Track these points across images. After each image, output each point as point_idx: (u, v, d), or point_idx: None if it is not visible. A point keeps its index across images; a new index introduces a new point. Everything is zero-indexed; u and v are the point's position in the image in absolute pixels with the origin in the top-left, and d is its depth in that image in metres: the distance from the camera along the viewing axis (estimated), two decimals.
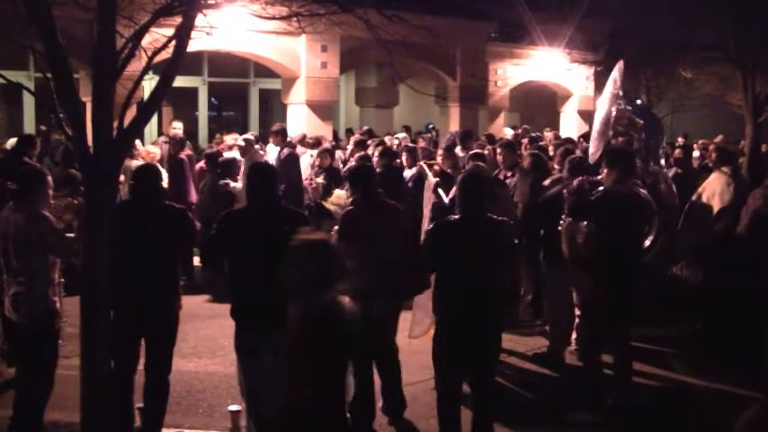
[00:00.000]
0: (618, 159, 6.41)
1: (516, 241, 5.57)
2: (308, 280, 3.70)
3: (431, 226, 5.32)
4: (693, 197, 8.32)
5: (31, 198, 5.31)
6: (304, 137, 12.51)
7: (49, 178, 5.52)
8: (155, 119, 14.23)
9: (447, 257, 5.16)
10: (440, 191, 7.87)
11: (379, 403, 6.05)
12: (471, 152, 9.34)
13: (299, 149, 11.67)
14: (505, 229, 5.30)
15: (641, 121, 7.36)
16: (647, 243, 6.98)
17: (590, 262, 6.41)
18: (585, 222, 6.57)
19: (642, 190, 6.50)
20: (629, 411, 6.22)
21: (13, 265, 5.30)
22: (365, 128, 14.54)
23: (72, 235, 5.62)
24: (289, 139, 11.43)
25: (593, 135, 7.41)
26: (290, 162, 10.80)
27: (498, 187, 8.29)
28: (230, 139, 11.87)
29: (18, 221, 5.23)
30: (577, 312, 7.55)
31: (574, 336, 7.61)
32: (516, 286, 6.83)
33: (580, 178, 6.67)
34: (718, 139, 8.74)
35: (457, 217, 5.29)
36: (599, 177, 6.64)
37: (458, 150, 10.72)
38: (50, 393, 5.36)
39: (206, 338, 7.93)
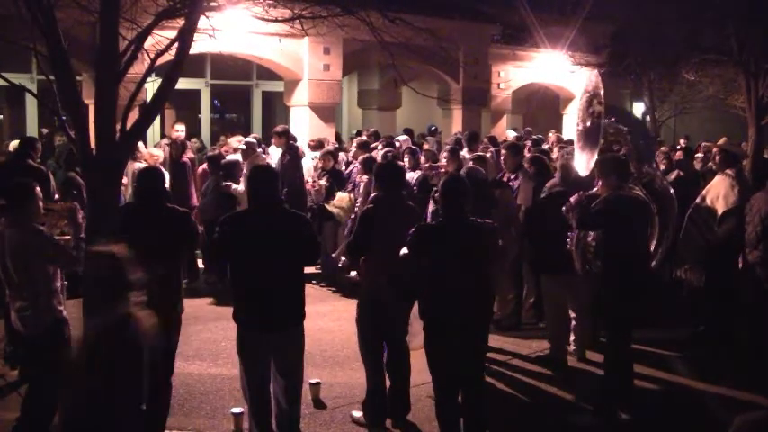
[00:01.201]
0: (614, 167, 6.35)
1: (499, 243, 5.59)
2: (101, 292, 3.77)
3: (414, 228, 5.33)
4: (697, 200, 8.30)
5: (23, 212, 5.25)
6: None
7: (38, 189, 5.44)
8: (157, 121, 14.23)
9: (430, 259, 5.18)
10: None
11: None
12: (473, 154, 9.34)
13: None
14: (486, 230, 5.32)
15: (625, 128, 7.32)
16: (652, 248, 6.96)
17: (603, 272, 6.37)
18: (591, 237, 6.56)
19: (639, 192, 6.49)
20: (631, 414, 6.22)
21: (14, 280, 5.27)
22: (371, 129, 14.55)
23: (67, 238, 5.56)
24: (291, 142, 11.45)
25: (579, 150, 7.32)
26: (293, 166, 10.83)
27: (500, 189, 8.28)
28: (234, 141, 11.84)
29: (13, 237, 5.19)
30: (572, 314, 7.56)
31: (572, 337, 7.63)
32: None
33: (577, 194, 6.61)
34: (722, 141, 8.70)
35: (439, 219, 5.34)
36: (594, 190, 6.57)
37: (464, 153, 10.72)
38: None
39: (209, 341, 7.93)
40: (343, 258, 9.88)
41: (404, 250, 5.32)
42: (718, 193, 8.12)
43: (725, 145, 8.69)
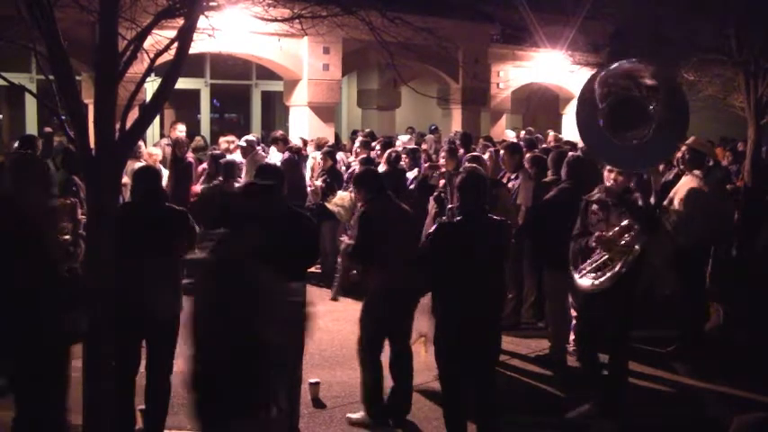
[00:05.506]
0: None
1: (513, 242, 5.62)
2: None
3: (434, 226, 5.35)
4: (665, 202, 8.13)
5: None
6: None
7: None
8: (157, 121, 14.24)
9: (450, 256, 5.18)
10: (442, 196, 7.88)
11: None
12: (469, 155, 9.35)
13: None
14: (505, 229, 5.37)
15: None
16: None
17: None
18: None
19: None
20: (632, 414, 6.22)
21: None
22: (367, 130, 14.56)
23: (68, 237, 5.56)
24: (290, 145, 11.48)
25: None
26: (291, 165, 10.86)
27: (497, 188, 8.28)
28: (224, 142, 11.75)
29: None
30: (573, 314, 7.55)
31: (572, 337, 7.62)
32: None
33: (603, 188, 6.52)
34: (691, 140, 8.51)
35: (459, 218, 5.33)
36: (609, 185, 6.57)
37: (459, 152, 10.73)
38: None
39: None
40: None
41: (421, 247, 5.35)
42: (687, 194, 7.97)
43: (693, 144, 8.48)
